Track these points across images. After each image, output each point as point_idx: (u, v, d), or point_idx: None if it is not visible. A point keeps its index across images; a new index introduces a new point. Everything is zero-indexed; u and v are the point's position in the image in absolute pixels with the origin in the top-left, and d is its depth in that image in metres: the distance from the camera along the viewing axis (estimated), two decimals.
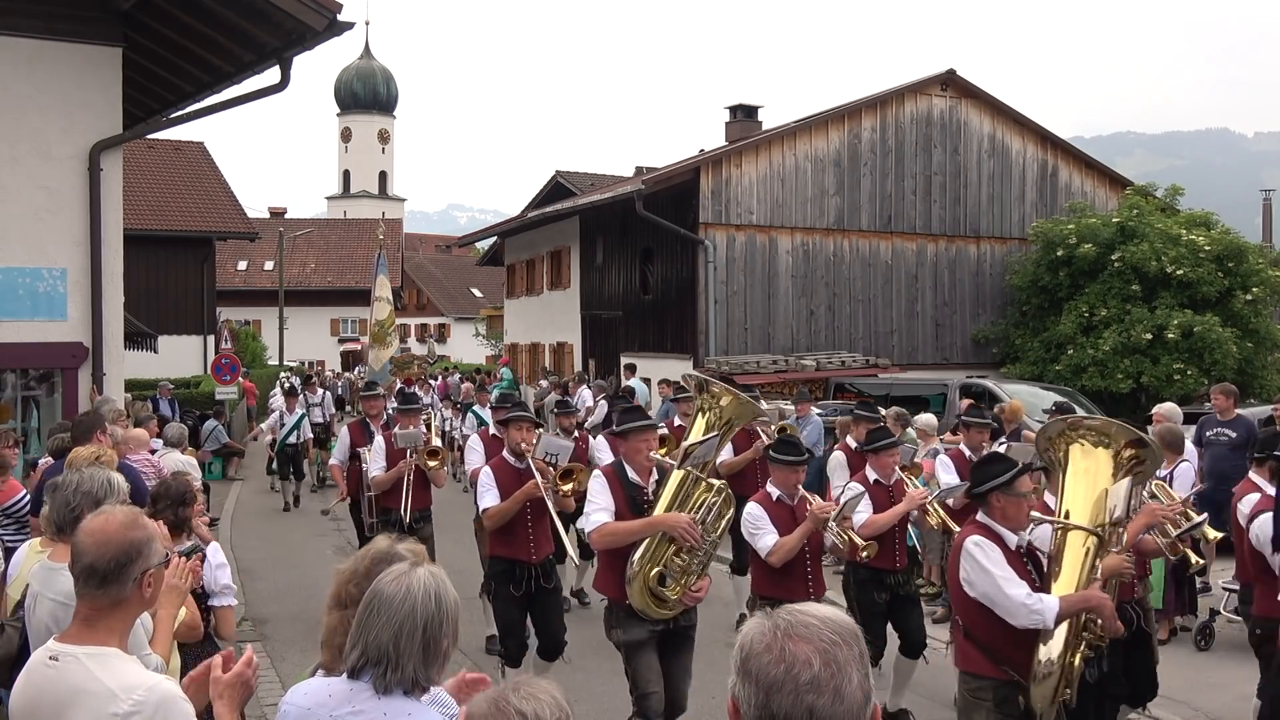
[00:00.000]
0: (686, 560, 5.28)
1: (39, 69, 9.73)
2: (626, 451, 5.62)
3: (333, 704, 2.49)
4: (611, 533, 5.33)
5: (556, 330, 25.97)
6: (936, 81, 21.13)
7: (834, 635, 1.68)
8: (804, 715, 1.63)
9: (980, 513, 4.67)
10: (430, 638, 2.43)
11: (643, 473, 5.55)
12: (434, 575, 2.51)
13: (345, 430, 9.81)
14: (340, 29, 9.38)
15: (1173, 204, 21.59)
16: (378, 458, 8.43)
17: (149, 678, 2.62)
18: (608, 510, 5.38)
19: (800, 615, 1.71)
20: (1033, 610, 4.32)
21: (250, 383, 26.54)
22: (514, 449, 6.73)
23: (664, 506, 5.34)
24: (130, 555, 2.69)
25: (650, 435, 5.62)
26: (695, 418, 5.79)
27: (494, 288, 51.44)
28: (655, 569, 5.25)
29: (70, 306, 9.98)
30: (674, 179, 19.72)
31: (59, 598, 3.52)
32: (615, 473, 5.58)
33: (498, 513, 6.55)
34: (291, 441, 16.32)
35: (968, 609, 4.55)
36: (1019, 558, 4.55)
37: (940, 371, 19.78)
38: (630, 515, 5.38)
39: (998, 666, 4.48)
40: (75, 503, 3.69)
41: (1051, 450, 4.89)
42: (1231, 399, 10.07)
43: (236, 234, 31.53)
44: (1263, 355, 19.00)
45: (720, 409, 5.72)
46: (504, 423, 7.00)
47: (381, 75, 77.27)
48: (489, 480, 6.67)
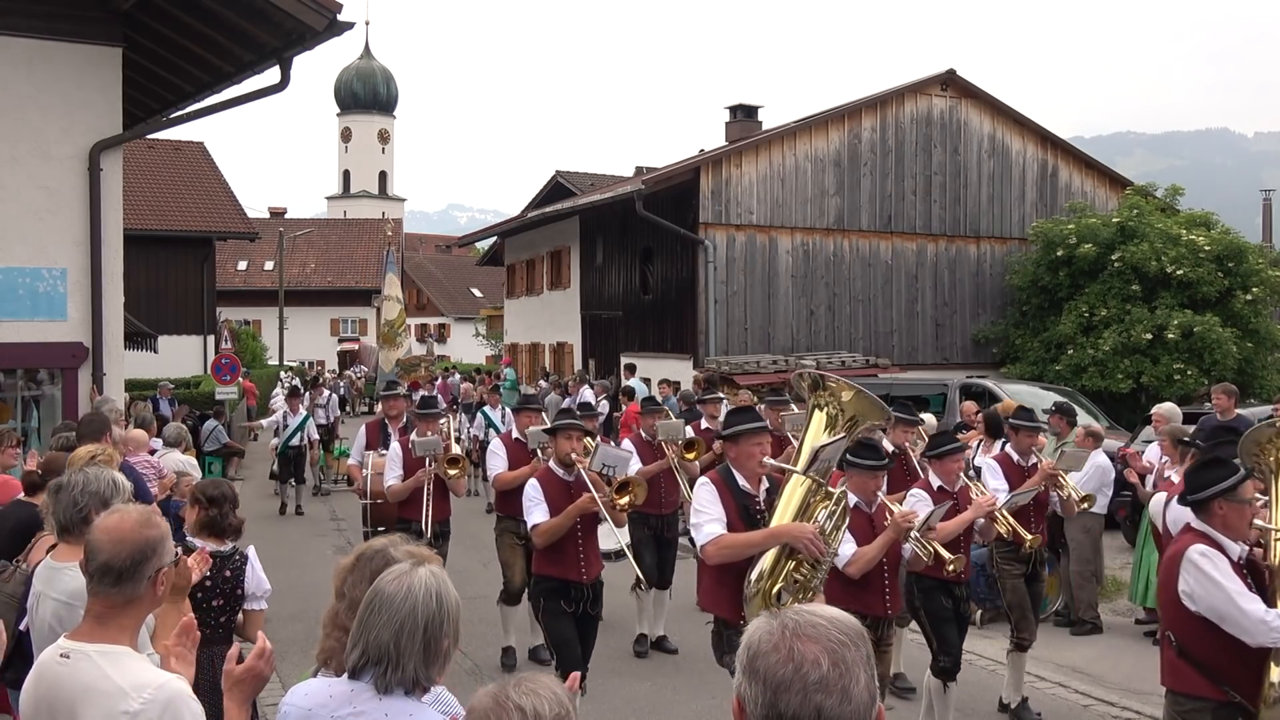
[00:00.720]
0: (806, 575, 4.78)
1: (39, 69, 9.73)
2: (737, 456, 5.06)
3: (334, 704, 2.48)
4: (730, 545, 4.78)
5: (556, 330, 25.97)
6: (936, 81, 21.13)
7: (842, 635, 1.69)
8: (812, 715, 1.63)
9: (1196, 520, 4.34)
10: (431, 637, 2.43)
11: (754, 480, 5.03)
12: (435, 575, 2.51)
13: (363, 430, 9.50)
14: (340, 29, 9.38)
15: (1173, 204, 21.59)
16: (394, 465, 8.07)
17: (159, 676, 2.63)
18: (720, 521, 4.86)
19: (808, 615, 1.72)
20: (1273, 628, 4.03)
21: (250, 383, 26.55)
22: (563, 459, 6.30)
23: (787, 516, 4.80)
24: (145, 554, 2.71)
25: (764, 438, 5.11)
26: (810, 417, 5.14)
27: (494, 288, 51.46)
28: (777, 586, 4.76)
29: (70, 306, 9.99)
30: (674, 179, 19.73)
31: (63, 597, 3.53)
32: (724, 480, 5.03)
33: (548, 530, 6.12)
34: (294, 444, 15.88)
35: (1186, 624, 4.23)
36: (1240, 569, 4.24)
37: (940, 371, 19.79)
38: (742, 526, 4.87)
39: (1218, 687, 4.20)
40: (83, 503, 3.69)
41: (1260, 456, 4.66)
42: (1233, 399, 10.09)
43: (236, 234, 31.53)
44: (1263, 355, 19.00)
45: (841, 406, 5.03)
46: (551, 431, 6.58)
47: (381, 75, 77.25)
48: (536, 494, 6.22)
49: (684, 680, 7.83)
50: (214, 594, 4.51)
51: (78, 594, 3.47)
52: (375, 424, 9.40)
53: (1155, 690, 7.23)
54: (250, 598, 4.65)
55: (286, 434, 15.85)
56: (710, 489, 4.96)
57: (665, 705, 7.34)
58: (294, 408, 16.27)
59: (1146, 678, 7.19)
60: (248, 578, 4.65)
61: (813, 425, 5.09)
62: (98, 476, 3.78)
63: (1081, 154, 23.06)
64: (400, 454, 8.08)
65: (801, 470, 4.82)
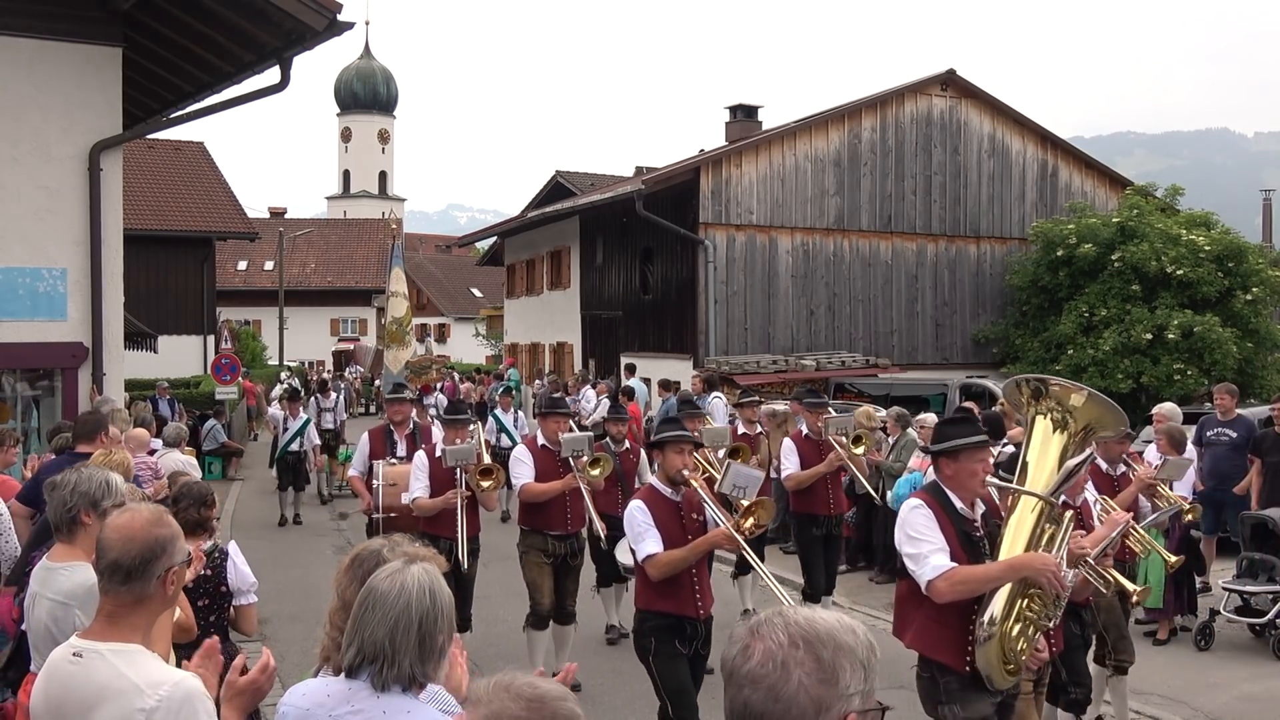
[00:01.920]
0: (1037, 612, 4.23)
1: (39, 69, 9.73)
2: (956, 474, 4.36)
3: (331, 704, 2.48)
4: (964, 580, 4.12)
5: (556, 330, 25.97)
6: (936, 81, 21.13)
7: (790, 636, 1.67)
8: (740, 708, 1.67)
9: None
10: (426, 634, 2.43)
11: (971, 501, 4.41)
12: (428, 572, 2.51)
13: (365, 438, 8.60)
14: (340, 29, 9.38)
15: (1173, 204, 21.60)
16: (419, 476, 7.25)
17: (174, 674, 2.64)
18: (944, 550, 4.19)
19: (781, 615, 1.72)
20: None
21: (250, 383, 26.56)
22: (672, 476, 5.36)
23: (1019, 546, 4.22)
24: (155, 552, 2.71)
25: (987, 454, 4.48)
26: (1032, 427, 4.48)
27: (494, 288, 51.43)
28: (1016, 626, 4.20)
29: (70, 306, 9.98)
30: (674, 179, 19.72)
31: (58, 597, 3.52)
32: (938, 501, 4.36)
33: (668, 563, 5.15)
34: (294, 449, 15.01)
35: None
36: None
37: (940, 371, 19.79)
38: (965, 556, 4.24)
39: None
40: (72, 503, 3.66)
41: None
42: (1234, 399, 10.10)
43: (236, 234, 31.53)
44: (1263, 355, 19.01)
45: (1072, 414, 4.37)
46: (656, 445, 5.53)
47: (381, 75, 77.28)
48: (645, 518, 5.24)
49: None
50: (198, 594, 4.52)
51: (72, 594, 3.47)
52: (380, 430, 8.59)
53: (1154, 690, 7.25)
54: (237, 593, 4.66)
55: (286, 438, 15.13)
56: (927, 513, 4.29)
57: None
58: (293, 411, 15.50)
59: (1146, 678, 7.19)
60: (230, 574, 4.65)
61: (1037, 437, 4.42)
62: (90, 477, 3.75)
63: (1081, 154, 23.07)
64: (426, 463, 7.28)
65: (1048, 494, 4.25)
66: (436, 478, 7.17)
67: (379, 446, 8.32)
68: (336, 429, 17.64)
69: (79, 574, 3.47)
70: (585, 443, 7.38)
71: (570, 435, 7.45)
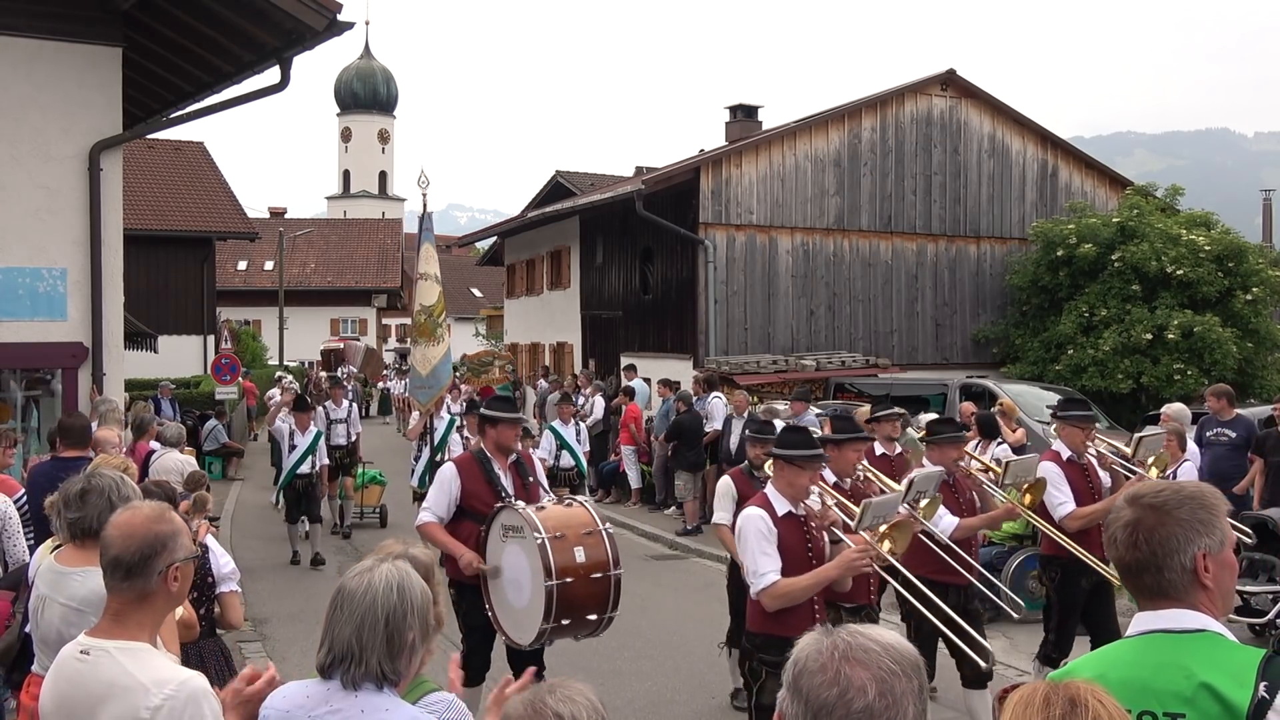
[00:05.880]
0: None
1: (39, 69, 9.73)
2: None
3: (310, 705, 2.49)
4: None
5: (556, 330, 25.97)
6: (936, 81, 21.13)
7: (894, 665, 1.60)
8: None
9: None
10: (394, 630, 2.43)
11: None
12: (397, 569, 2.51)
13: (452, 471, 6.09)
14: (340, 29, 9.38)
15: (1173, 204, 21.59)
16: None
17: (180, 672, 2.66)
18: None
19: (860, 638, 1.63)
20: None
21: (250, 383, 26.55)
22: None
23: None
24: (155, 548, 2.71)
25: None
26: None
27: (494, 288, 51.46)
28: None
29: (70, 306, 9.98)
30: (674, 179, 19.72)
31: (72, 603, 3.51)
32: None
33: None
34: (304, 472, 12.13)
35: None
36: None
37: (940, 371, 19.79)
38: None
39: None
40: (107, 510, 3.69)
41: None
42: (1225, 399, 10.09)
43: (236, 234, 31.56)
44: (1263, 355, 19.00)
45: None
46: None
47: (381, 75, 77.24)
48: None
49: (684, 680, 7.83)
50: None
51: (87, 600, 3.45)
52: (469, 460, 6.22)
53: None
54: (221, 581, 4.69)
55: (294, 459, 12.15)
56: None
57: (665, 705, 7.34)
58: (303, 425, 12.30)
59: None
60: (212, 564, 4.70)
61: None
62: (118, 484, 3.77)
63: (1081, 154, 23.06)
64: None
65: None
66: None
67: (477, 484, 6.01)
68: (350, 445, 14.06)
69: (93, 580, 3.47)
70: (936, 480, 5.76)
71: (924, 472, 5.82)
